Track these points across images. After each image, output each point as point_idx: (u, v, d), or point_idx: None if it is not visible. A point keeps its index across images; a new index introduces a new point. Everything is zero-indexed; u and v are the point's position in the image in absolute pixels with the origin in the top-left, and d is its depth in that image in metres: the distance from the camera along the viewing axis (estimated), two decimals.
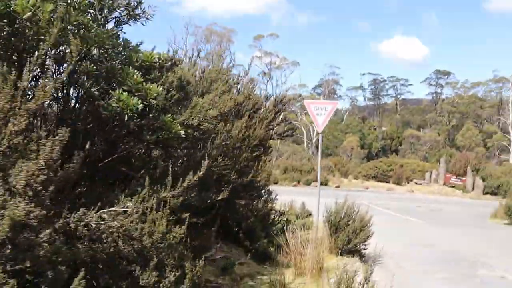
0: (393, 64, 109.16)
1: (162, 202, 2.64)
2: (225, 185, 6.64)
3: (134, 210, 2.53)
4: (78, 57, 3.47)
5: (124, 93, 2.96)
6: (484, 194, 29.70)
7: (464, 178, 32.91)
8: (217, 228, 7.20)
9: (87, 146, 3.54)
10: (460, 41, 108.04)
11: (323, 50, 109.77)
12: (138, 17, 4.02)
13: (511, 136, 53.40)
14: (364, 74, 76.58)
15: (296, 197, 14.15)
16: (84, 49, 3.36)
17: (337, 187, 32.83)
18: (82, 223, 2.64)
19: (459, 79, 68.41)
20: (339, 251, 7.25)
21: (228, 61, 6.68)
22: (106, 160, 3.42)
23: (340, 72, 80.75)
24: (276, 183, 33.76)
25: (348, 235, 7.08)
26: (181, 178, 2.84)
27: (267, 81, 60.42)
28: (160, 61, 3.57)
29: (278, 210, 10.88)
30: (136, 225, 2.51)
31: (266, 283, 5.78)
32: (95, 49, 3.54)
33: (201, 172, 2.96)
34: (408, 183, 36.22)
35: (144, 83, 3.17)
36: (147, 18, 4.01)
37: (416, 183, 35.54)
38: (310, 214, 12.14)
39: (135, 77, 3.08)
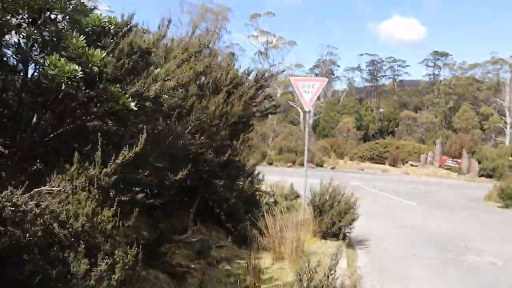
0: (391, 45, 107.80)
1: (91, 180, 2.31)
2: (203, 164, 6.36)
3: (63, 190, 2.21)
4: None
5: (61, 59, 2.59)
6: (479, 176, 29.54)
7: (459, 160, 32.71)
8: (196, 209, 6.95)
9: (34, 120, 3.21)
10: (459, 22, 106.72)
11: (321, 31, 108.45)
12: None
13: (507, 118, 53.07)
14: (362, 54, 75.82)
15: (289, 178, 13.87)
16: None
17: (333, 168, 32.65)
18: (9, 204, 2.31)
19: (456, 60, 67.84)
20: (323, 235, 6.97)
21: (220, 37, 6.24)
22: (52, 135, 3.07)
23: (338, 52, 79.81)
24: (271, 164, 33.60)
25: (333, 218, 6.79)
26: (114, 154, 2.50)
27: (263, 60, 59.76)
28: (111, 26, 3.19)
29: (265, 191, 10.61)
30: (63, 207, 2.18)
31: (244, 267, 5.51)
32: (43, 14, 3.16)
33: (138, 148, 2.61)
34: (403, 165, 36.06)
35: (86, 49, 2.80)
36: None
37: (411, 165, 35.37)
38: (298, 196, 11.87)
39: (74, 41, 2.70)
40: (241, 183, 9.06)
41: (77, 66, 2.63)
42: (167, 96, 3.49)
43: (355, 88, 74.63)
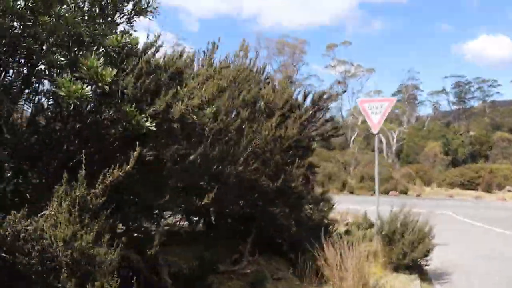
0: (478, 65, 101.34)
1: (78, 202, 2.14)
2: (258, 191, 6.08)
3: (52, 213, 2.06)
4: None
5: (67, 78, 2.51)
6: None
7: None
8: (253, 238, 6.63)
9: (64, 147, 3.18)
10: None
11: (401, 56, 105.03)
12: (145, 12, 3.65)
13: None
14: (446, 77, 72.04)
15: (370, 207, 13.07)
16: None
17: (418, 195, 30.66)
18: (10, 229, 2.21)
19: None
20: (395, 267, 6.29)
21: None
22: (71, 163, 3.00)
23: (420, 76, 76.67)
24: (351, 192, 32.41)
25: (404, 248, 6.10)
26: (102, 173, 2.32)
27: (343, 92, 58.83)
28: (131, 46, 3.11)
29: (335, 220, 10.07)
30: (52, 231, 2.03)
31: None
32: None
33: (128, 166, 2.41)
34: (499, 190, 32.85)
35: (99, 69, 2.71)
36: (152, 12, 3.64)
37: (509, 191, 32.11)
38: (373, 225, 11.10)
39: (85, 61, 2.63)
40: (308, 211, 8.66)
41: (86, 86, 2.54)
42: (195, 116, 3.30)
43: (440, 112, 70.65)
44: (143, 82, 3.11)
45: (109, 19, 3.51)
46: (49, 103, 3.15)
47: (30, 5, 2.72)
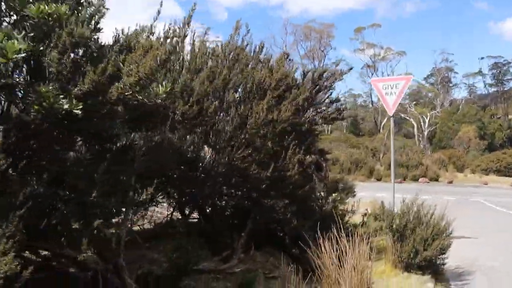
0: None
1: None
2: (249, 182, 5.49)
3: None
4: None
5: None
6: None
7: None
8: (249, 232, 6.07)
9: None
10: None
11: (434, 38, 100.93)
12: None
13: None
14: (482, 58, 68.49)
15: (397, 195, 12.30)
16: None
17: (450, 182, 29.35)
18: None
19: None
20: (406, 266, 5.61)
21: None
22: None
23: (453, 58, 73.50)
24: (379, 180, 31.34)
25: (415, 245, 5.41)
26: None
27: (372, 74, 57.11)
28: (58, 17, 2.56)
29: (348, 211, 9.40)
30: None
31: None
32: None
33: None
34: None
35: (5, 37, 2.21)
36: None
37: None
38: None
39: None
40: (321, 201, 8.08)
41: None
42: (140, 96, 2.74)
43: (476, 95, 67.70)
44: (68, 57, 2.56)
45: None
46: None
47: None
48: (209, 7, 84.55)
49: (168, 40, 3.90)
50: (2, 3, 2.66)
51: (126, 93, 2.69)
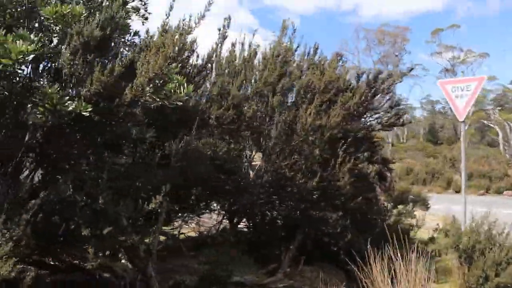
0: None
1: None
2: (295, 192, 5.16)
3: None
4: None
5: None
6: None
7: None
8: (298, 245, 5.72)
9: None
10: None
11: None
12: None
13: None
14: None
15: (477, 208, 11.30)
16: None
17: None
18: None
19: None
20: None
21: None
22: None
23: None
24: (458, 192, 29.24)
25: (485, 269, 4.75)
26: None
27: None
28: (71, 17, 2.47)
29: (413, 225, 8.73)
30: None
31: None
32: None
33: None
34: None
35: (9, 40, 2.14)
36: None
37: None
38: None
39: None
40: (383, 213, 7.59)
41: None
42: (154, 96, 2.56)
43: None
44: (79, 58, 2.46)
45: None
46: None
47: None
48: (282, 15, 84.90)
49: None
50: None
51: (140, 95, 2.53)
